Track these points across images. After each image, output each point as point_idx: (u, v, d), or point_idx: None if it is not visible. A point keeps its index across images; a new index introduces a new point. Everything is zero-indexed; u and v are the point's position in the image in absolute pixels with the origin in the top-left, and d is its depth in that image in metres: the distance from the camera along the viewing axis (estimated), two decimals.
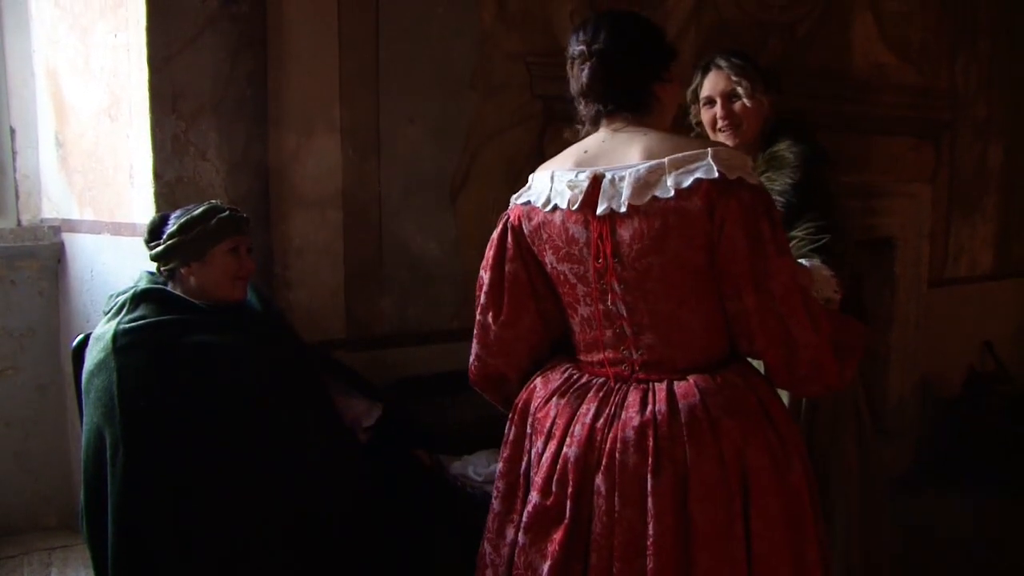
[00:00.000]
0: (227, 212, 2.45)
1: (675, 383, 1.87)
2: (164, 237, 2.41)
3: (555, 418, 1.94)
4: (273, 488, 2.29)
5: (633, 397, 1.88)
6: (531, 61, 3.38)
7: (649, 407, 1.84)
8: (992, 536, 3.96)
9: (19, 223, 3.41)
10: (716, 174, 1.76)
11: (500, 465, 2.08)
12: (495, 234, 2.07)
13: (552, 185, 1.91)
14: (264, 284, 2.86)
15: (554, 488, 1.89)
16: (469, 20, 3.26)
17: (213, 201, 2.52)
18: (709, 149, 1.80)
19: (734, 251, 1.79)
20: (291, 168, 2.99)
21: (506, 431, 2.09)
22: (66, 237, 3.34)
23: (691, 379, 1.87)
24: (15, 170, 3.41)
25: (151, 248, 2.44)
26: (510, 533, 1.99)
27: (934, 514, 3.96)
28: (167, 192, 2.82)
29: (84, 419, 2.34)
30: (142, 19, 2.77)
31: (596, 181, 1.85)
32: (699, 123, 2.80)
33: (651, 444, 1.81)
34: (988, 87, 4.81)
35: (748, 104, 2.65)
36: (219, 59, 2.86)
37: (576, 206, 1.86)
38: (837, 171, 2.82)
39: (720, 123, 2.69)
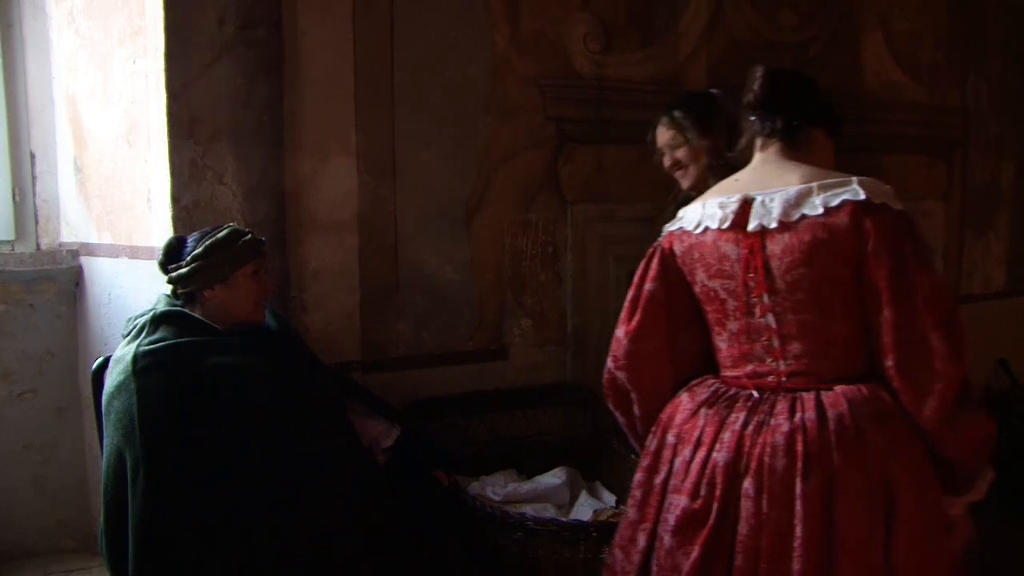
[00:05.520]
0: (249, 235, 2.47)
1: (822, 393, 1.92)
2: (188, 259, 2.42)
3: (704, 427, 2.00)
4: (293, 508, 2.30)
5: (781, 406, 1.94)
6: (544, 84, 3.41)
7: (798, 415, 1.90)
8: (1010, 557, 3.94)
9: (38, 247, 3.45)
10: (863, 197, 1.88)
11: (638, 474, 2.13)
12: (644, 259, 2.18)
13: (703, 211, 2.05)
14: (281, 307, 2.88)
15: (703, 491, 1.95)
16: (483, 44, 3.29)
17: (231, 224, 2.54)
18: (855, 178, 1.91)
19: (878, 266, 1.87)
20: (307, 192, 3.02)
21: (648, 442, 2.15)
22: (84, 261, 3.37)
23: (838, 389, 1.92)
24: (35, 195, 3.45)
25: (171, 270, 2.45)
26: (642, 540, 2.05)
27: None
28: (184, 216, 2.84)
29: (104, 441, 2.35)
30: (160, 46, 2.80)
31: (746, 203, 1.98)
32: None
33: (800, 449, 1.87)
34: (999, 105, 4.81)
35: (687, 151, 2.88)
36: (236, 84, 2.89)
37: (727, 225, 1.99)
38: None
39: (670, 169, 2.95)
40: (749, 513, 1.88)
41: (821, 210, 1.89)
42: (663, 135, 2.92)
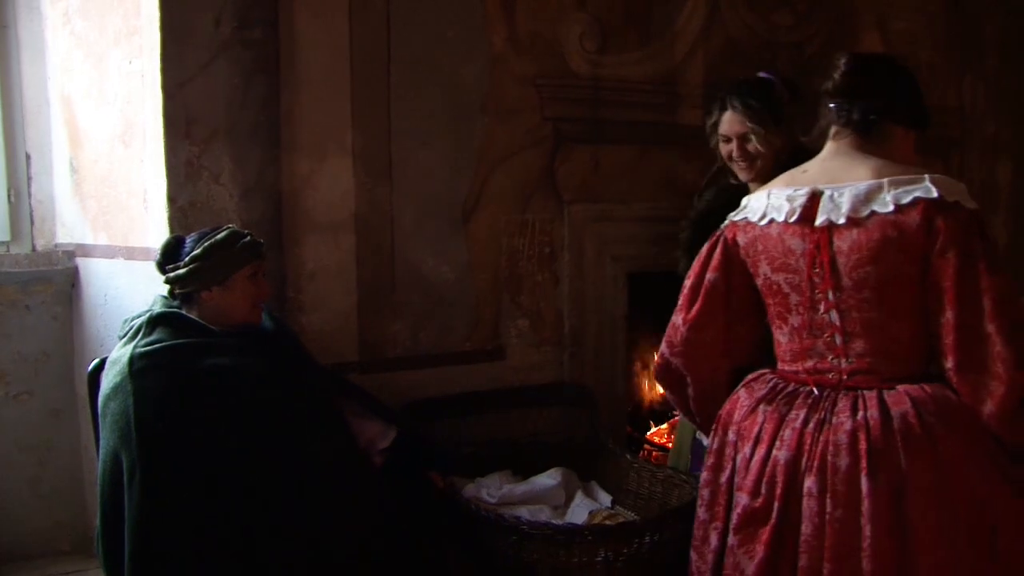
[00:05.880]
0: (248, 237, 2.47)
1: (885, 392, 1.91)
2: (186, 260, 2.41)
3: (763, 424, 2.00)
4: (290, 510, 2.29)
5: (843, 404, 1.92)
6: (541, 84, 3.40)
7: (860, 413, 1.89)
8: None
9: (34, 248, 3.44)
10: (935, 194, 1.85)
11: (704, 474, 2.14)
12: (705, 247, 2.17)
13: (768, 201, 2.03)
14: (277, 307, 2.87)
15: (763, 490, 1.95)
16: (479, 44, 3.28)
17: (230, 225, 2.53)
18: (927, 175, 1.88)
19: (944, 266, 1.84)
20: (304, 192, 3.01)
21: (710, 441, 2.15)
22: (80, 262, 3.36)
23: (900, 388, 1.91)
24: (30, 196, 3.44)
25: (169, 271, 2.44)
26: (714, 539, 2.06)
27: None
28: (180, 216, 2.84)
29: (100, 443, 2.34)
30: (156, 46, 2.79)
31: (815, 196, 1.95)
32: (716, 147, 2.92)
33: (864, 447, 1.85)
34: (996, 105, 4.81)
35: (761, 147, 2.76)
36: (232, 84, 2.89)
37: (794, 218, 1.96)
38: None
39: (736, 159, 2.81)
40: (812, 512, 1.87)
41: (892, 207, 1.87)
42: (735, 124, 2.77)
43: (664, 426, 4.21)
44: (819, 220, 1.93)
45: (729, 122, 2.79)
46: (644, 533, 2.58)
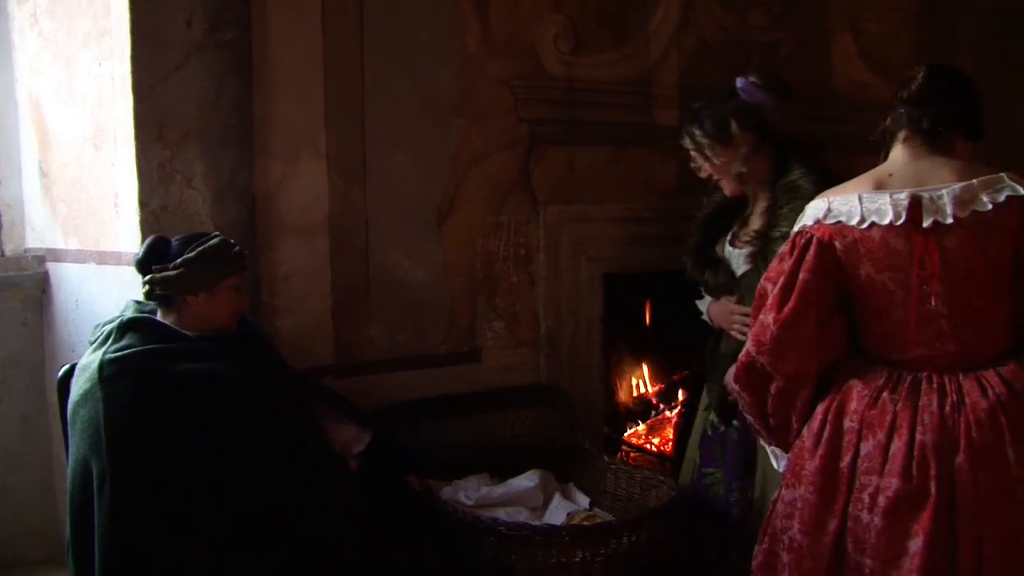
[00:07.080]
0: (237, 247, 2.46)
1: (1000, 369, 2.11)
2: (178, 262, 2.38)
3: (895, 411, 2.12)
4: (264, 515, 2.28)
5: (969, 385, 2.10)
6: (516, 85, 3.39)
7: (990, 391, 2.08)
8: None
9: (3, 253, 3.41)
10: (1022, 192, 2.08)
11: (816, 462, 2.20)
12: (786, 249, 2.26)
13: (862, 206, 2.15)
14: (251, 311, 2.84)
15: (914, 472, 2.07)
16: (454, 46, 3.27)
17: (217, 233, 2.50)
18: (1004, 174, 2.11)
19: None
20: (277, 195, 2.99)
21: (817, 429, 2.23)
22: (51, 267, 3.33)
23: (1011, 364, 2.11)
24: None
25: (155, 271, 2.40)
26: (833, 523, 2.15)
27: None
28: (152, 221, 2.81)
29: (70, 450, 2.32)
30: (127, 47, 2.77)
31: (915, 201, 2.10)
32: None
33: (1004, 421, 2.05)
34: None
35: (711, 167, 2.86)
36: (204, 87, 2.86)
37: (900, 222, 2.10)
38: None
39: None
40: (967, 484, 2.03)
41: (990, 207, 2.06)
42: (690, 150, 2.88)
43: (641, 427, 4.21)
44: (926, 223, 2.09)
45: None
46: (622, 533, 2.59)
